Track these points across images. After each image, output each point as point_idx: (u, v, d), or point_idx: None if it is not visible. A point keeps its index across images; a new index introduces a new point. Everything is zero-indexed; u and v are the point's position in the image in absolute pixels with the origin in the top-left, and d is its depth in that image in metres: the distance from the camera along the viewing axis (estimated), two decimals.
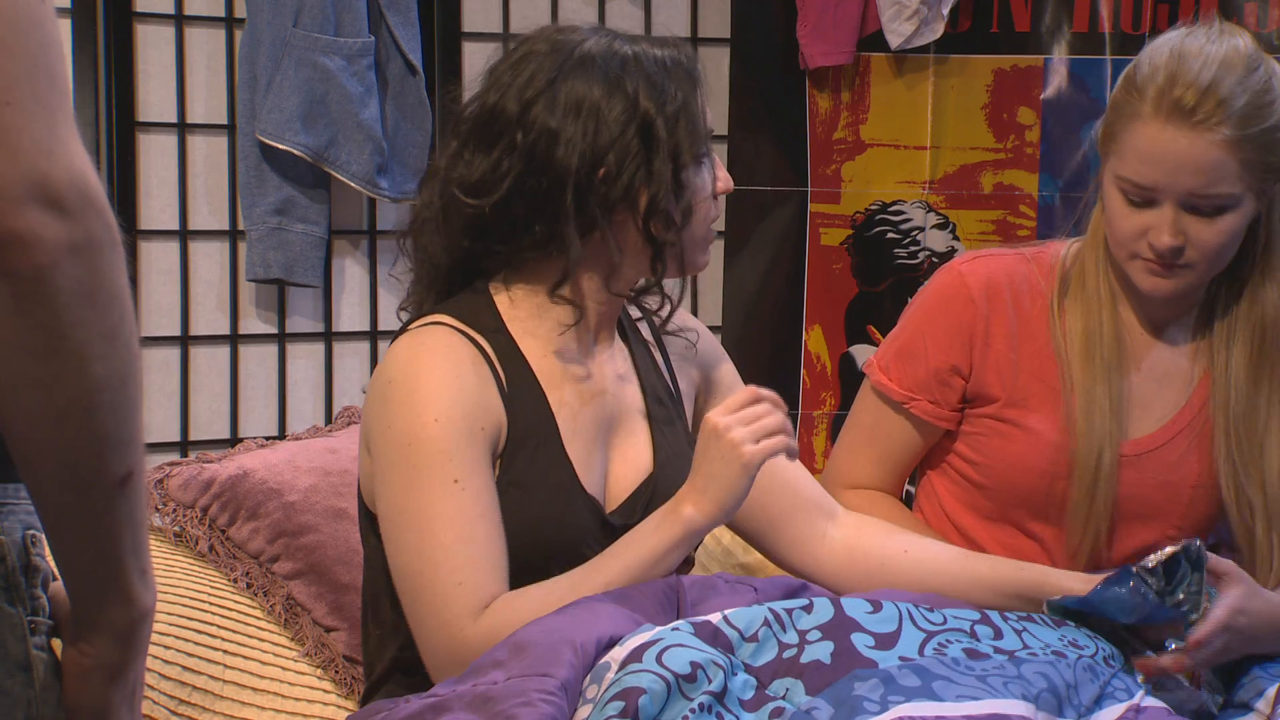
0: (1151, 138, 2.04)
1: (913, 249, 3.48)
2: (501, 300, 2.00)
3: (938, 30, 3.37)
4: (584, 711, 1.63)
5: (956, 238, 3.48)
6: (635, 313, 2.12)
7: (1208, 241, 2.07)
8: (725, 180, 2.01)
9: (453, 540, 1.85)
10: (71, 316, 1.13)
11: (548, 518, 1.92)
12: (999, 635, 1.83)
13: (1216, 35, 2.08)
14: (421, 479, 1.86)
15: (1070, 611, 1.96)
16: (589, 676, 1.67)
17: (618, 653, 1.68)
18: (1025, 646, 1.82)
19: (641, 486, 2.01)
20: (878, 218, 3.49)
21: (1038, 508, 2.20)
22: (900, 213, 3.49)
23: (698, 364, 2.15)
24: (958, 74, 3.45)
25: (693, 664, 1.64)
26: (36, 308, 1.12)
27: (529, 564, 1.91)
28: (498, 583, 1.86)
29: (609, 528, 1.96)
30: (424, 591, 1.86)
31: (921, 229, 3.48)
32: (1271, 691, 1.97)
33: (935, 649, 1.78)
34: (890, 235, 3.49)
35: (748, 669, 1.73)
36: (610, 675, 1.65)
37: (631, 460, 2.02)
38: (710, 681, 1.64)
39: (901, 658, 1.75)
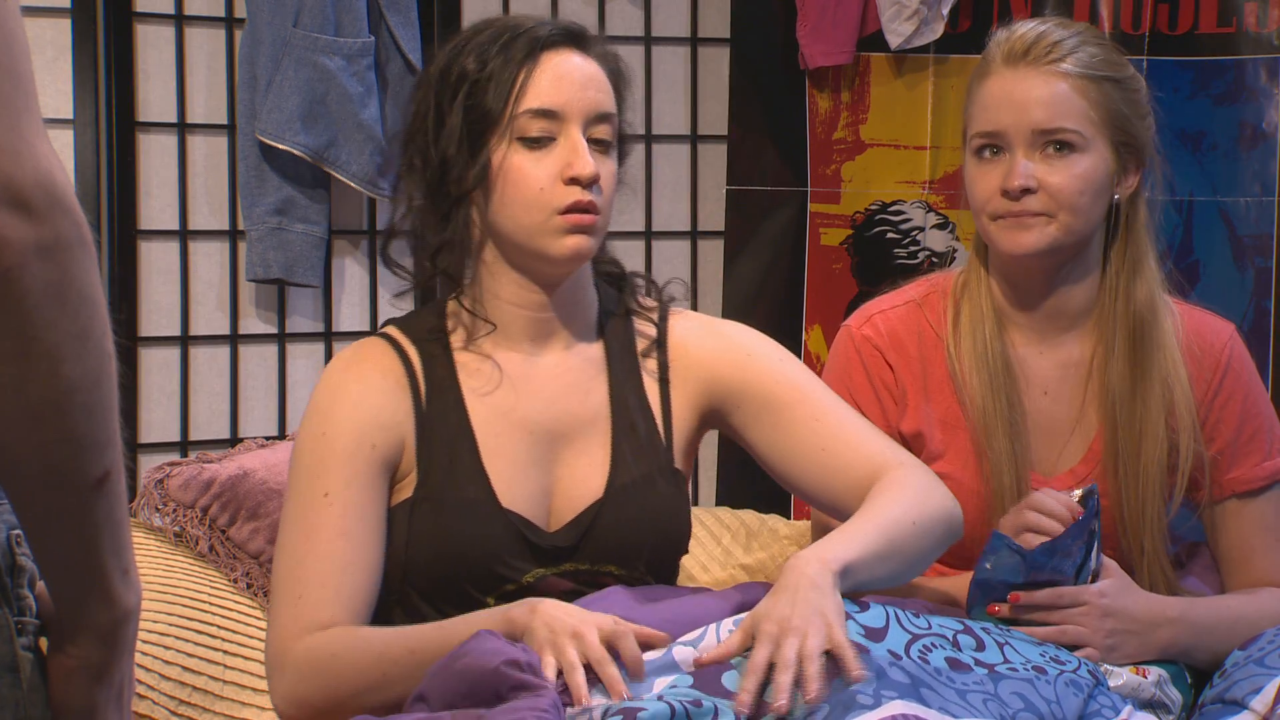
0: (995, 85, 2.15)
1: (913, 249, 3.48)
2: (453, 306, 2.01)
3: (937, 30, 3.37)
4: None
5: (956, 238, 3.48)
6: (650, 330, 2.06)
7: (1060, 185, 2.11)
8: (578, 167, 1.91)
9: (305, 552, 1.87)
10: (41, 318, 1.12)
11: (458, 532, 1.90)
12: (981, 647, 1.83)
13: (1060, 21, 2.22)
14: (299, 488, 1.91)
15: (1005, 619, 2.00)
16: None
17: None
18: (1006, 661, 1.82)
19: (587, 511, 1.95)
20: (878, 218, 3.49)
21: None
22: (900, 213, 3.49)
23: (703, 379, 2.04)
24: (958, 74, 3.45)
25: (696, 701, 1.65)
26: (5, 310, 1.11)
27: (443, 579, 1.90)
28: (338, 606, 1.85)
29: (533, 548, 1.92)
30: (273, 594, 1.90)
31: (921, 229, 3.48)
32: (1270, 689, 1.91)
33: (919, 653, 1.78)
34: (890, 235, 3.49)
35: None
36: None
37: (581, 480, 1.97)
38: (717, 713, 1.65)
39: (890, 651, 1.75)
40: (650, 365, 2.04)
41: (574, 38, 1.96)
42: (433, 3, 3.35)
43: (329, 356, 3.35)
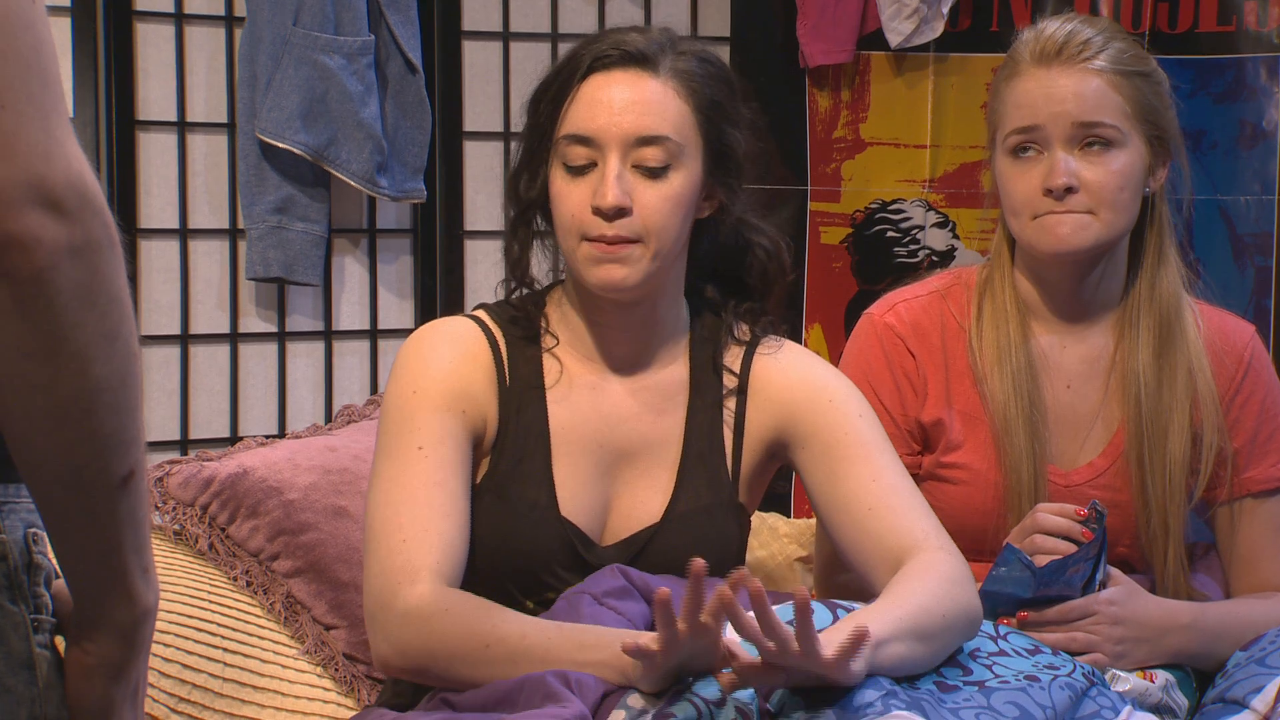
0: (1030, 83, 2.14)
1: (913, 248, 3.48)
2: (552, 306, 2.02)
3: (937, 29, 3.37)
4: None
5: (956, 236, 3.48)
6: (736, 362, 2.03)
7: (1101, 181, 2.11)
8: (600, 195, 1.90)
9: (402, 500, 1.86)
10: (71, 318, 1.13)
11: (513, 532, 1.91)
12: (968, 672, 1.82)
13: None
14: (391, 444, 1.90)
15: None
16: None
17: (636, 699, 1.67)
18: (996, 676, 1.81)
19: (641, 533, 1.96)
20: (877, 216, 3.49)
21: (996, 550, 2.18)
22: (900, 211, 3.49)
23: (779, 414, 2.02)
24: (958, 72, 3.45)
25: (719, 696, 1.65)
26: (36, 310, 1.12)
27: (489, 574, 1.90)
28: (441, 553, 1.84)
29: (582, 561, 1.92)
30: (373, 544, 1.87)
31: (921, 227, 3.48)
32: (1271, 689, 1.91)
33: (908, 680, 1.77)
34: (890, 234, 3.49)
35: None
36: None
37: (642, 502, 1.97)
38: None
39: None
40: (730, 398, 2.02)
41: (634, 57, 1.91)
42: (432, 1, 3.35)
43: (329, 355, 3.35)
